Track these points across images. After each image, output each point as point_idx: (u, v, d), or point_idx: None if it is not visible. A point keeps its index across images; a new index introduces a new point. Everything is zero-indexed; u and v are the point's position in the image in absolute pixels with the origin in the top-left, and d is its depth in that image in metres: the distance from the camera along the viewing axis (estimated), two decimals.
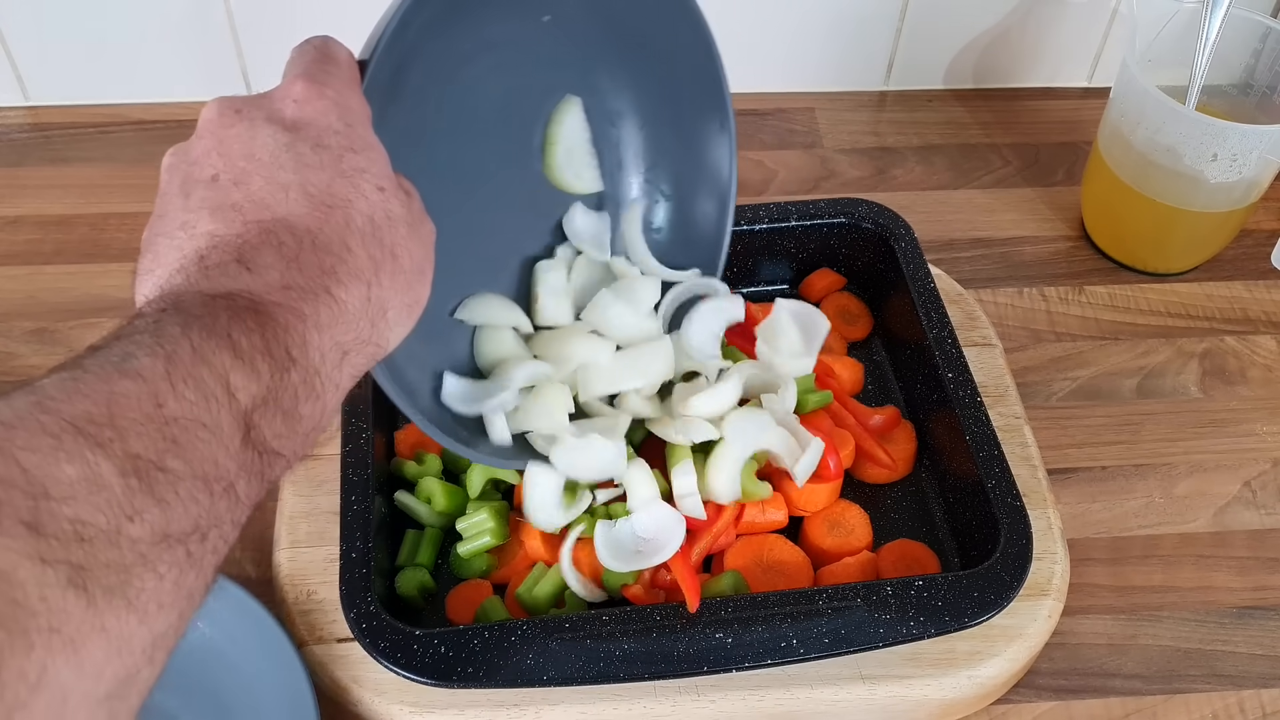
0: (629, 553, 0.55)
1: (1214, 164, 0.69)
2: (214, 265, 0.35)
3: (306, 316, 0.35)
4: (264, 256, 0.35)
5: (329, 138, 0.38)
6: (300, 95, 0.38)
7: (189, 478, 0.30)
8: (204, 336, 0.32)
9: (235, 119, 0.38)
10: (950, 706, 0.56)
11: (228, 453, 0.31)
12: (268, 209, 0.36)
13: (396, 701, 0.53)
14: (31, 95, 0.87)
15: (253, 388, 0.32)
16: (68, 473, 0.27)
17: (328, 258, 0.36)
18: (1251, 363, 0.73)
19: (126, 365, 0.30)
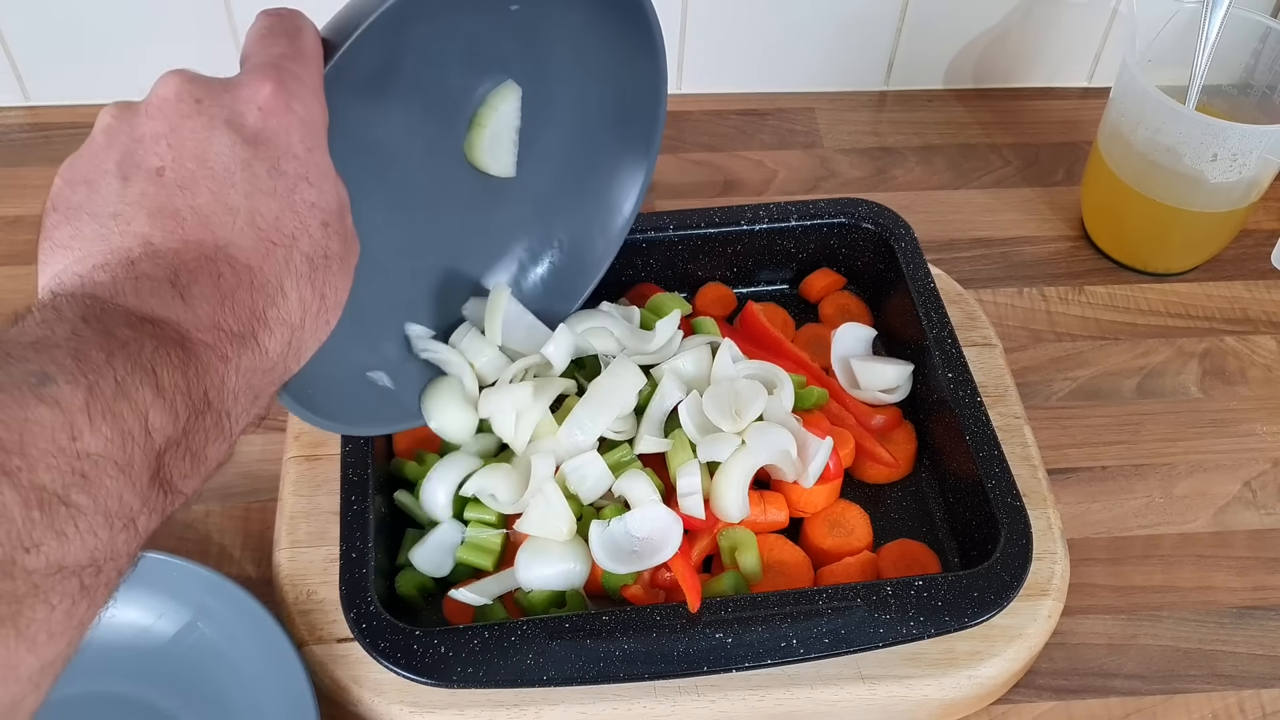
0: (625, 553, 0.55)
1: (1214, 164, 0.69)
2: (144, 277, 0.33)
3: (229, 360, 0.34)
4: (199, 286, 0.33)
5: (287, 163, 0.36)
6: (266, 103, 0.36)
7: (92, 513, 0.29)
8: (129, 369, 0.30)
9: (194, 110, 0.35)
10: (950, 706, 0.56)
11: (134, 490, 0.30)
12: (210, 230, 0.34)
13: (396, 701, 0.53)
14: (31, 95, 0.87)
15: (168, 428, 0.31)
16: None
17: (261, 300, 0.35)
18: (1251, 363, 0.73)
19: (44, 390, 0.28)
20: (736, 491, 0.57)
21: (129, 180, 0.34)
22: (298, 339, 0.37)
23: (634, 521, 0.55)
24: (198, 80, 0.36)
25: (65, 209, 0.35)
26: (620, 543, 0.55)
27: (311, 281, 0.36)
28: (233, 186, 0.34)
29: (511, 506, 0.57)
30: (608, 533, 0.55)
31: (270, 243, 0.35)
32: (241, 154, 0.35)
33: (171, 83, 0.36)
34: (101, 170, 0.35)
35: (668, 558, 0.54)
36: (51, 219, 0.35)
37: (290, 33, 0.38)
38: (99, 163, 0.35)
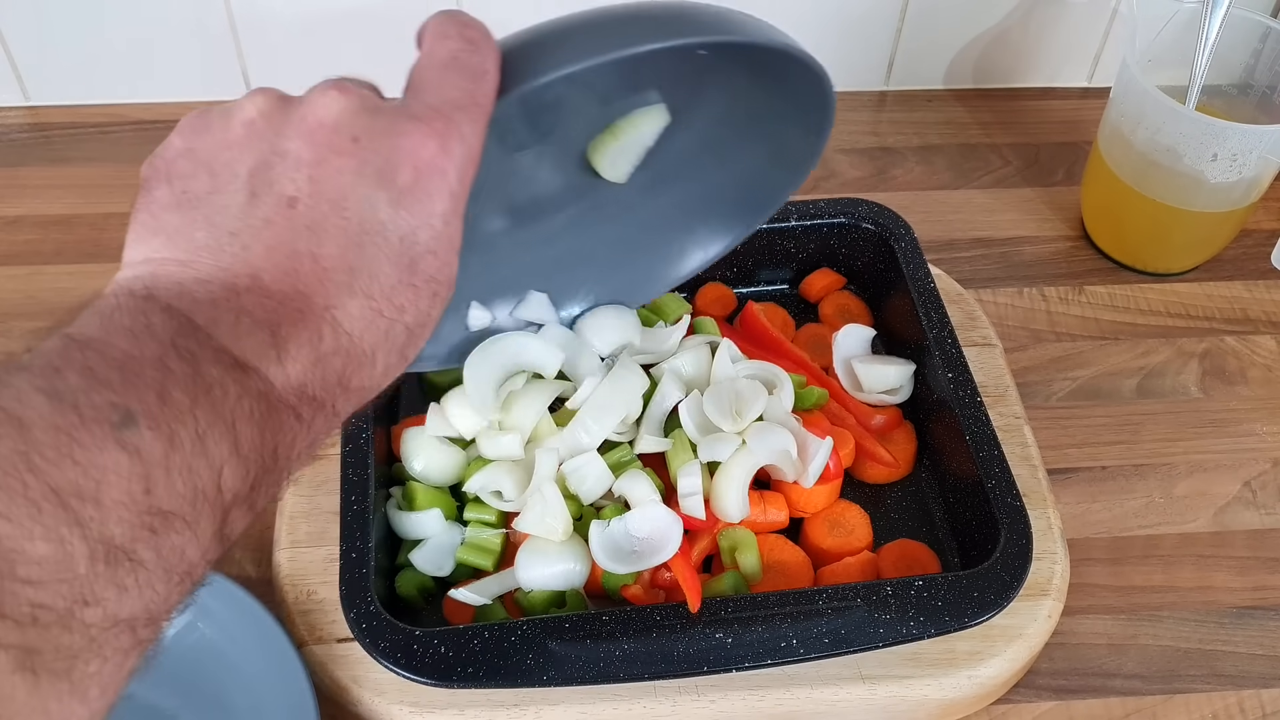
0: (625, 553, 0.55)
1: (1214, 164, 0.69)
2: (245, 315, 0.30)
3: (304, 421, 0.32)
4: (298, 344, 0.31)
5: (422, 233, 0.33)
6: (424, 165, 0.32)
7: (154, 567, 0.28)
8: (210, 419, 0.29)
9: (348, 147, 0.32)
10: (950, 706, 0.56)
11: (197, 546, 0.29)
12: (324, 286, 0.31)
13: (396, 701, 0.53)
14: (31, 95, 0.87)
15: (238, 487, 0.30)
16: (39, 551, 0.25)
17: (350, 369, 0.32)
18: (1251, 363, 0.73)
19: (126, 434, 0.27)
20: (737, 492, 0.57)
21: (257, 198, 0.32)
22: (368, 397, 0.34)
23: (634, 521, 0.55)
24: (362, 114, 0.33)
25: (181, 194, 0.32)
26: (620, 543, 0.55)
27: (402, 351, 0.34)
28: (360, 245, 0.32)
29: (515, 504, 0.57)
30: (608, 533, 0.55)
31: (378, 313, 0.32)
32: (381, 214, 0.32)
33: (334, 106, 0.32)
34: (231, 170, 0.32)
35: (668, 558, 0.54)
36: (160, 192, 0.32)
37: (475, 75, 0.34)
38: (230, 159, 0.32)
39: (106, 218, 0.80)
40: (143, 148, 0.84)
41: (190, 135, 0.33)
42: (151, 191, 0.33)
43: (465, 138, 0.33)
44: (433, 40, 0.35)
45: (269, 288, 0.31)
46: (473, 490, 0.58)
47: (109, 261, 0.77)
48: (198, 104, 0.96)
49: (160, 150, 0.34)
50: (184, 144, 0.33)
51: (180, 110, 0.86)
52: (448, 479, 0.59)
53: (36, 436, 0.26)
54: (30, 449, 0.25)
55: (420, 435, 0.59)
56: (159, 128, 0.86)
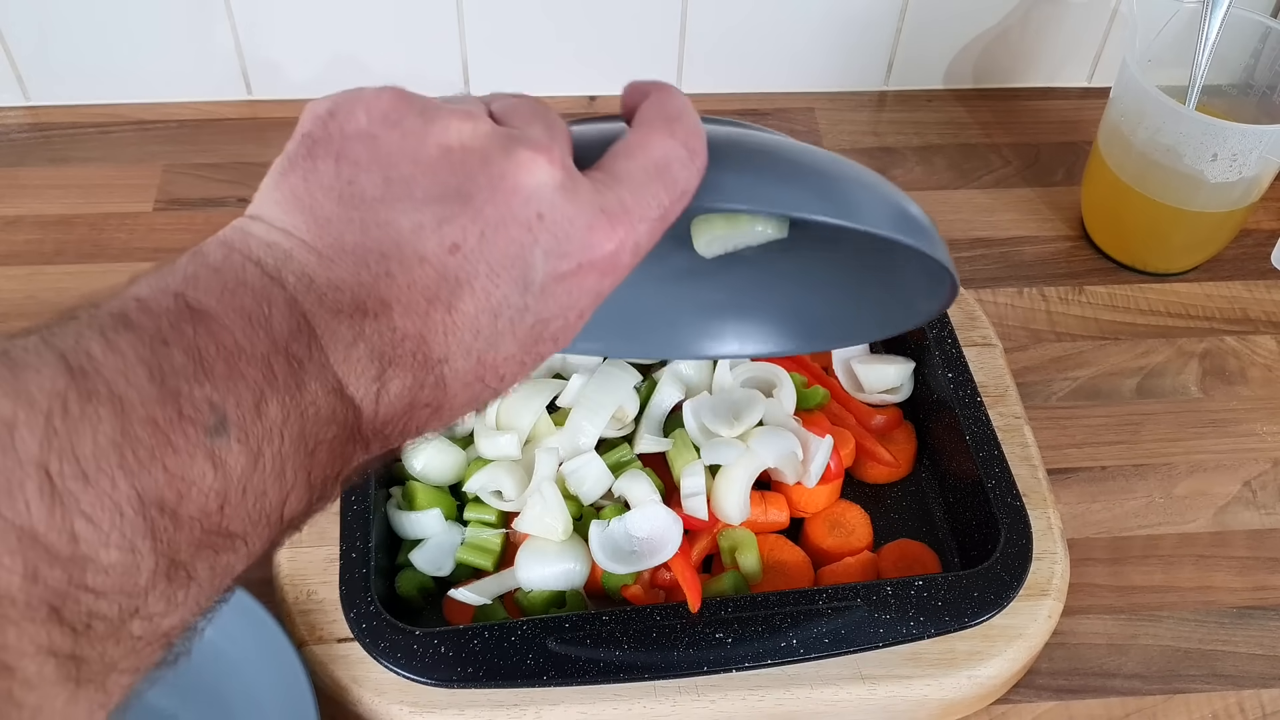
0: (624, 553, 0.55)
1: (1214, 164, 0.69)
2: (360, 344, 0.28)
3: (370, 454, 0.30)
4: (399, 387, 0.29)
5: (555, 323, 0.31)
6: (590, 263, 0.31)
7: (205, 584, 0.27)
8: (296, 442, 0.27)
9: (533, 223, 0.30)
10: (950, 707, 0.56)
11: (246, 562, 0.28)
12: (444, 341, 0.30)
13: (396, 701, 0.53)
14: (31, 95, 0.87)
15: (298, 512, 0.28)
16: (111, 559, 0.24)
17: (434, 423, 0.31)
18: (1251, 363, 0.73)
19: (217, 444, 0.25)
20: (739, 493, 0.57)
21: (422, 232, 0.29)
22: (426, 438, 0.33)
23: (633, 521, 0.55)
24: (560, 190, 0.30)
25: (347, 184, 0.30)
26: (620, 543, 0.55)
27: (478, 408, 0.33)
28: (496, 315, 0.30)
29: (515, 504, 0.57)
30: (607, 533, 0.55)
31: (482, 382, 0.31)
32: (529, 294, 0.30)
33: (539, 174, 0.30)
34: (408, 187, 0.29)
35: (667, 558, 0.54)
36: (325, 166, 0.30)
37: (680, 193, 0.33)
38: (413, 175, 0.30)
39: (106, 218, 0.80)
40: (143, 148, 0.84)
41: (379, 122, 0.30)
42: (315, 160, 0.30)
43: (640, 248, 0.32)
44: (653, 125, 0.33)
45: (395, 323, 0.29)
46: (473, 490, 0.58)
47: (109, 261, 0.77)
48: (197, 104, 0.96)
49: (337, 110, 0.31)
50: (368, 127, 0.30)
51: (180, 110, 0.87)
52: (448, 479, 0.59)
53: (134, 430, 0.24)
54: (126, 443, 0.24)
55: None
56: (159, 128, 0.86)
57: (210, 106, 0.88)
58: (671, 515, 0.55)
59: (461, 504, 0.59)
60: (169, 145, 0.84)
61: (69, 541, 0.23)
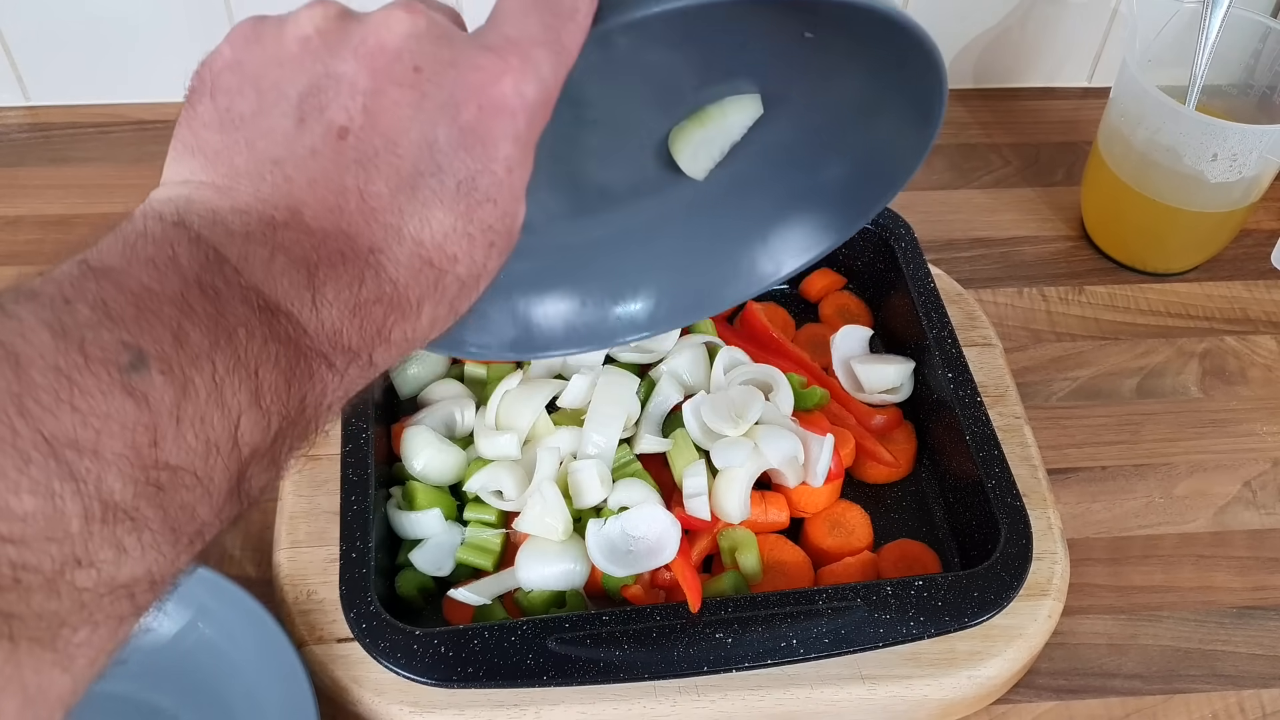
0: (622, 554, 0.55)
1: (1214, 164, 0.69)
2: (280, 252, 0.28)
3: (336, 371, 0.29)
4: (335, 288, 0.28)
5: (483, 178, 0.29)
6: (491, 103, 0.29)
7: (159, 528, 0.25)
8: (230, 365, 0.26)
9: (409, 78, 0.28)
10: (950, 707, 0.56)
11: (209, 505, 0.26)
12: (369, 227, 0.28)
13: (396, 701, 0.53)
14: (31, 95, 0.87)
15: (257, 439, 0.27)
16: (25, 506, 0.22)
17: (392, 318, 0.29)
18: (1251, 363, 0.73)
19: (134, 379, 0.24)
20: (739, 493, 0.57)
21: (305, 124, 0.29)
22: (412, 349, 0.32)
23: (631, 521, 0.55)
24: (428, 40, 0.29)
25: (225, 110, 0.29)
26: (617, 543, 0.55)
27: (452, 304, 0.31)
28: (412, 187, 0.29)
29: (515, 504, 0.57)
30: (604, 532, 0.55)
31: (427, 261, 0.29)
32: (437, 153, 0.29)
33: (399, 29, 0.29)
34: (279, 90, 0.29)
35: (665, 561, 0.54)
36: (204, 107, 0.30)
37: (563, 12, 0.30)
38: (280, 75, 0.29)
39: (106, 218, 0.79)
40: (143, 148, 0.84)
41: (241, 46, 0.30)
42: (195, 106, 0.30)
43: (543, 79, 0.30)
44: None
45: (309, 224, 0.28)
46: (473, 490, 0.58)
47: None
48: None
49: (208, 59, 0.31)
50: (233, 55, 0.30)
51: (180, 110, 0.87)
52: (448, 479, 0.59)
53: (33, 378, 0.23)
54: (24, 391, 0.23)
55: (420, 434, 0.59)
56: (159, 128, 0.86)
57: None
58: (670, 518, 0.55)
59: (461, 504, 0.59)
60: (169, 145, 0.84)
61: None
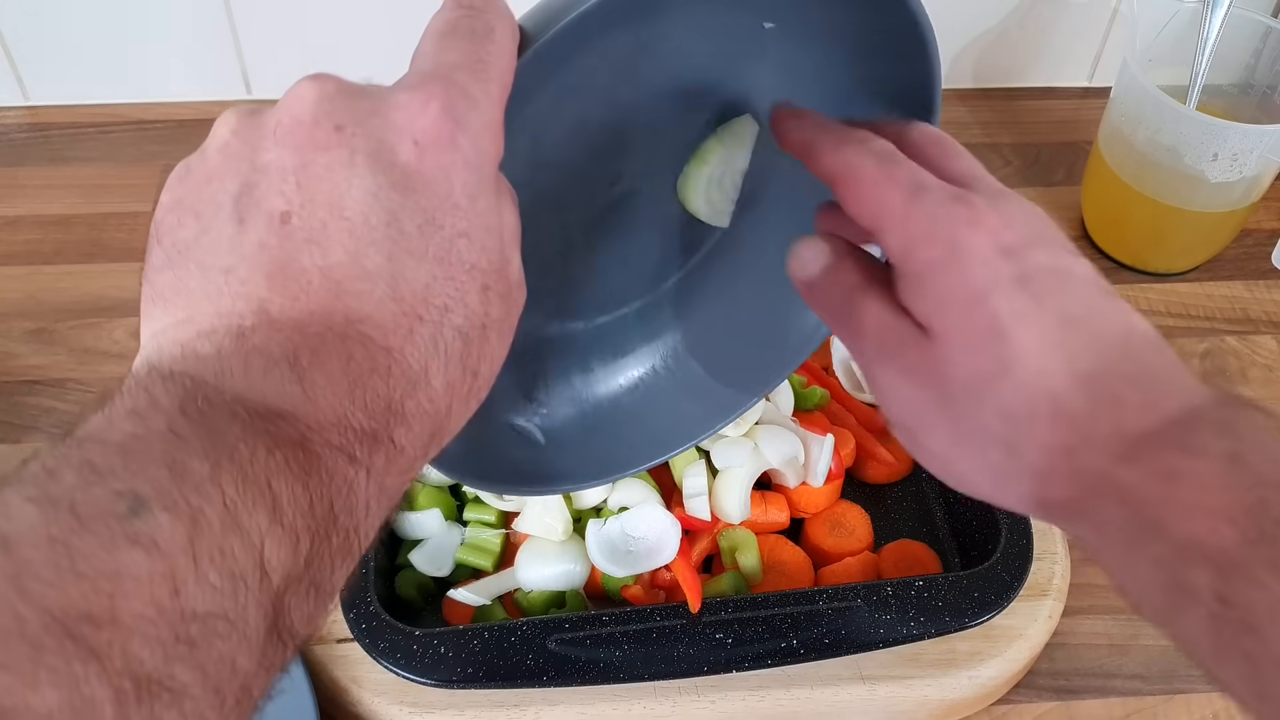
0: (622, 554, 0.55)
1: (1214, 164, 0.69)
2: (257, 353, 0.26)
3: (359, 463, 0.26)
4: (324, 370, 0.26)
5: (444, 215, 0.27)
6: (425, 135, 0.27)
7: (200, 693, 0.22)
8: (239, 487, 0.23)
9: (332, 140, 0.27)
10: (951, 707, 0.56)
11: (249, 651, 0.23)
12: (341, 300, 0.26)
13: (396, 702, 0.53)
14: (31, 95, 0.87)
15: (288, 563, 0.24)
16: (49, 700, 0.19)
17: (399, 389, 0.27)
18: (1252, 363, 0.73)
19: (136, 525, 0.22)
20: (739, 493, 0.57)
21: (246, 224, 0.27)
22: (440, 430, 0.29)
23: (631, 521, 0.55)
24: (341, 96, 0.27)
25: (170, 246, 0.28)
26: (617, 543, 0.55)
27: (463, 360, 0.28)
28: (373, 245, 0.27)
29: (515, 504, 0.57)
30: (604, 532, 0.55)
31: (416, 317, 0.27)
32: (387, 203, 0.27)
33: (309, 96, 0.27)
34: (215, 203, 0.28)
35: (665, 562, 0.54)
36: (154, 256, 0.28)
37: (477, 35, 0.29)
38: (213, 190, 0.28)
39: (105, 218, 0.80)
40: (143, 148, 0.84)
41: (175, 186, 0.29)
42: (149, 259, 0.29)
43: (474, 99, 0.28)
44: (434, 17, 0.30)
45: (278, 319, 0.26)
46: (473, 490, 0.58)
47: (108, 261, 0.77)
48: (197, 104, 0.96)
49: (154, 217, 0.29)
50: (169, 197, 0.29)
51: (180, 110, 0.87)
52: (448, 479, 0.59)
53: (26, 554, 0.21)
54: (20, 571, 0.20)
55: None
56: (159, 128, 0.86)
57: (210, 106, 0.88)
58: (670, 518, 0.55)
59: (461, 504, 0.59)
60: (169, 145, 0.84)
61: None
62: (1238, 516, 0.27)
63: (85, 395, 0.69)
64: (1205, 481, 0.28)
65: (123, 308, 0.74)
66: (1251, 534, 0.27)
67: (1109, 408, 0.30)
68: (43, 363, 0.71)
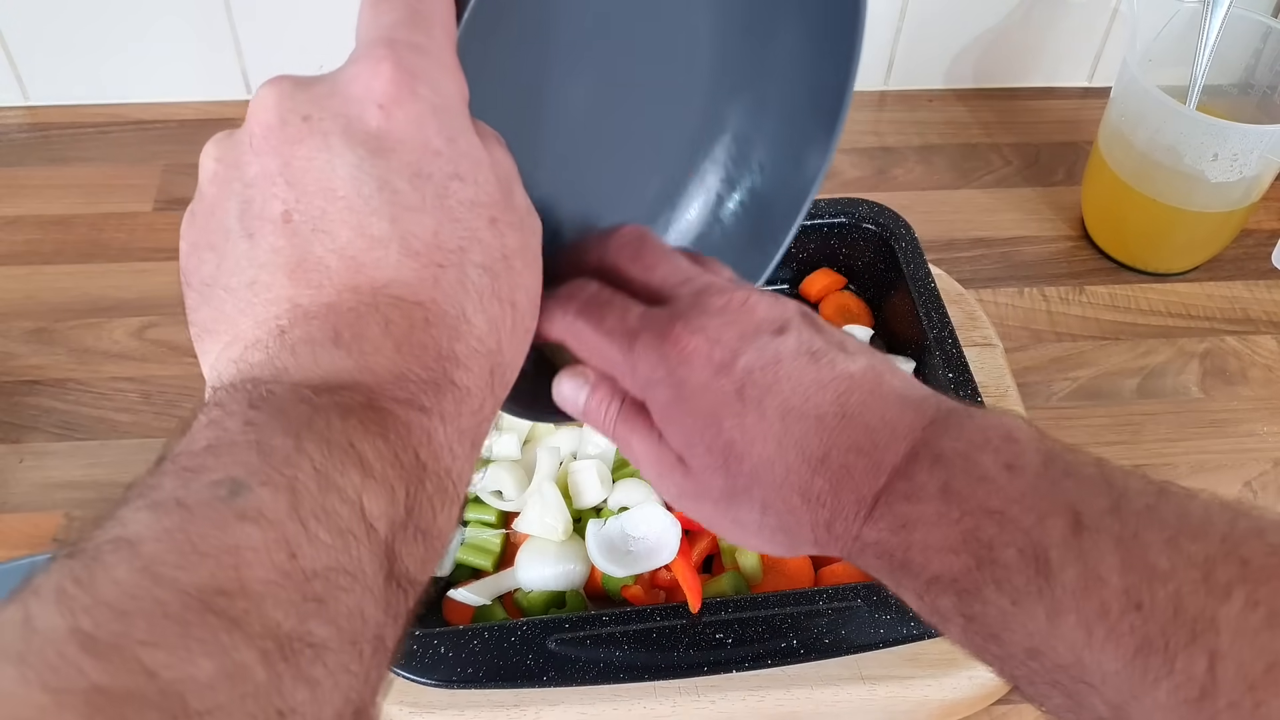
0: (621, 553, 0.55)
1: (1214, 164, 0.69)
2: (301, 343, 0.27)
3: (430, 410, 0.28)
4: (367, 338, 0.28)
5: (429, 163, 0.29)
6: (384, 96, 0.28)
7: (339, 645, 0.23)
8: (324, 452, 0.25)
9: (303, 131, 0.28)
10: (951, 707, 0.56)
11: (374, 600, 0.25)
12: (362, 272, 0.28)
13: (396, 702, 0.53)
14: (31, 95, 0.87)
15: (390, 510, 0.26)
16: (206, 671, 0.21)
17: (444, 335, 0.29)
18: (1252, 363, 0.73)
19: (241, 502, 0.23)
20: None
21: (255, 237, 0.28)
22: (499, 365, 0.31)
23: (630, 521, 0.55)
24: (299, 90, 0.29)
25: (199, 284, 0.30)
26: (617, 543, 0.55)
27: (496, 295, 0.30)
28: (374, 213, 0.28)
29: (515, 504, 0.57)
30: (604, 532, 0.55)
31: (437, 265, 0.29)
32: (372, 170, 0.28)
33: (269, 100, 0.29)
34: (223, 230, 0.29)
35: (665, 562, 0.54)
36: (189, 299, 0.30)
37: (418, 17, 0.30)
38: (218, 220, 0.29)
39: (105, 218, 0.80)
40: (143, 148, 0.84)
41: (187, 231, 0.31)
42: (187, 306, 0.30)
43: (422, 47, 0.29)
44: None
45: (310, 308, 0.28)
46: (473, 490, 0.58)
47: (108, 261, 0.77)
48: (197, 104, 0.95)
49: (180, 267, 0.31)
50: (186, 244, 0.31)
51: (179, 110, 0.87)
52: None
53: (149, 550, 0.22)
54: (148, 564, 0.22)
55: None
56: (159, 128, 0.86)
57: (210, 106, 0.88)
58: (670, 518, 0.55)
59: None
60: (169, 145, 0.84)
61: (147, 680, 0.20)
62: (958, 547, 0.32)
63: (85, 395, 0.69)
64: (929, 521, 0.32)
65: (122, 308, 0.74)
66: (971, 562, 0.31)
67: (844, 481, 0.34)
68: (43, 363, 0.71)
